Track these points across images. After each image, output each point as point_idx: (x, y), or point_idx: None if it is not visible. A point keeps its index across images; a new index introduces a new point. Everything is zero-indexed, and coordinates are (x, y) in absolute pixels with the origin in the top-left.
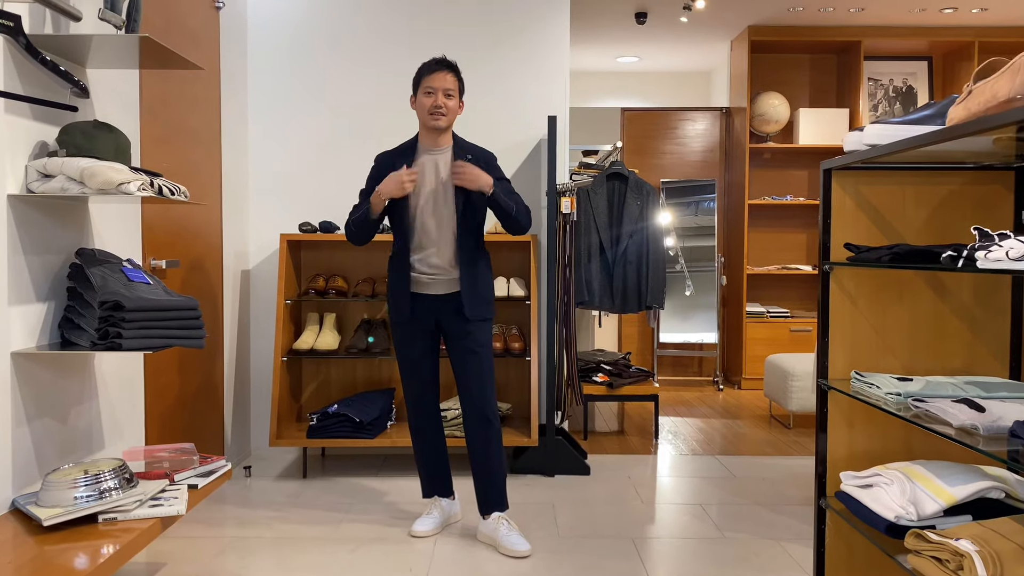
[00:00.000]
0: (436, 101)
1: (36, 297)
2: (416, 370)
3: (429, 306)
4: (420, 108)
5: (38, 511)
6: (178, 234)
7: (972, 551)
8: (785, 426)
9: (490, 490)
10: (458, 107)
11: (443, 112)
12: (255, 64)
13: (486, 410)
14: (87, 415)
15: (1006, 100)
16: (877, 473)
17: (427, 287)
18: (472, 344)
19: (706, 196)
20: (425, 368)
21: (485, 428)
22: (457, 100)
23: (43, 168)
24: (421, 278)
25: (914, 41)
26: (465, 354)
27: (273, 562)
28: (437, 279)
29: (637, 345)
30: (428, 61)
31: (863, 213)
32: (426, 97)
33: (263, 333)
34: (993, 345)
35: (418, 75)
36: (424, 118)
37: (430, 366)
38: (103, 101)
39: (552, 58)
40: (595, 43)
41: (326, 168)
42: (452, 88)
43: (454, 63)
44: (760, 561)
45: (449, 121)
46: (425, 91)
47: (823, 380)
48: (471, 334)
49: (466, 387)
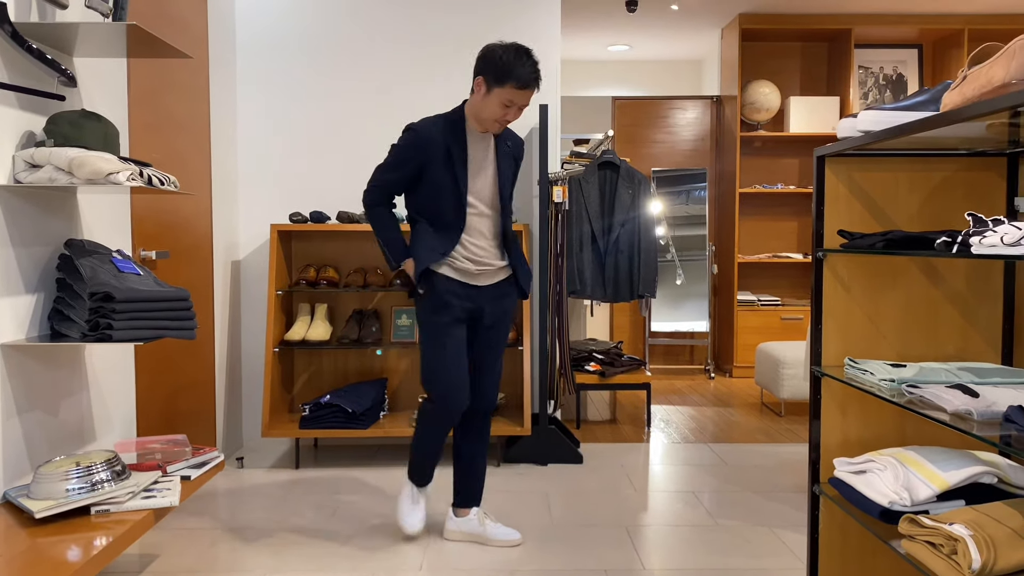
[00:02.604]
0: (510, 116)
1: (25, 289)
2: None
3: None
4: (487, 107)
5: (30, 503)
6: (168, 225)
7: (966, 536)
8: (776, 414)
9: (476, 484)
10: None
11: (507, 124)
12: (244, 52)
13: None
14: (78, 407)
15: (1001, 85)
16: (870, 459)
17: (475, 277)
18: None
19: (697, 185)
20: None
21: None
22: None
23: (30, 158)
24: (470, 267)
25: (904, 29)
26: (489, 345)
27: (266, 553)
28: (485, 270)
29: (629, 334)
30: (526, 67)
31: (856, 200)
32: (503, 108)
33: (254, 324)
34: (986, 331)
35: (504, 74)
36: (487, 122)
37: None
38: (91, 90)
39: (543, 47)
40: (586, 31)
41: (317, 158)
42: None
43: (541, 78)
44: (753, 548)
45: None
46: (506, 101)
47: (816, 367)
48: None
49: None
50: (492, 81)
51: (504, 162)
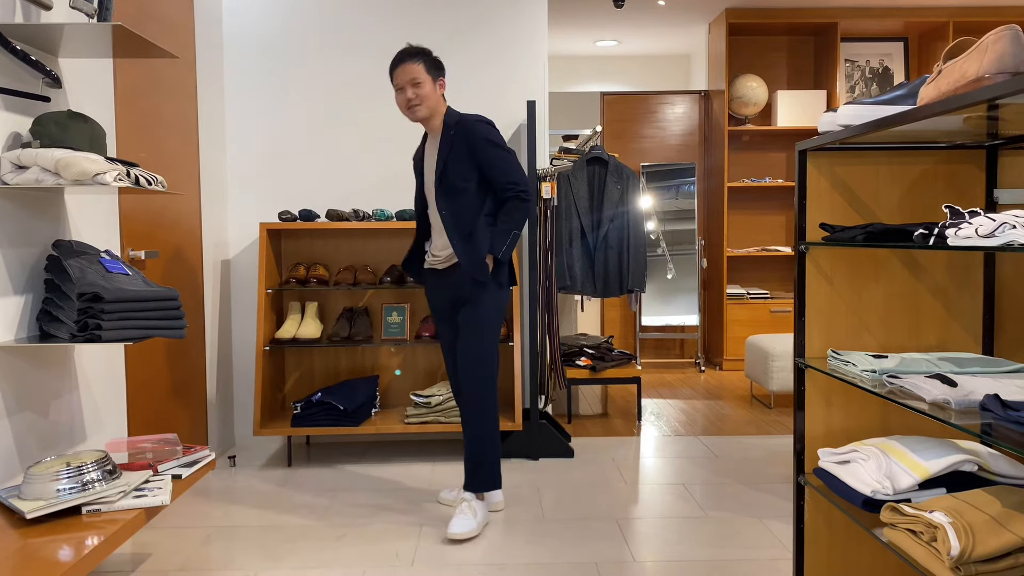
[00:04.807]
0: (406, 95)
1: (13, 290)
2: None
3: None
4: (399, 106)
5: (21, 504)
6: (157, 224)
7: (945, 523)
8: (766, 406)
9: (467, 464)
10: (434, 89)
11: (417, 103)
12: (231, 51)
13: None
14: (68, 407)
15: (974, 79)
16: (854, 449)
17: (438, 266)
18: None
19: (686, 179)
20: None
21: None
22: (430, 84)
23: (17, 159)
24: (433, 260)
25: (890, 22)
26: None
27: (259, 551)
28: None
29: (619, 328)
30: (394, 58)
31: (838, 194)
32: (398, 94)
33: (245, 323)
34: (966, 321)
35: (390, 73)
36: (405, 114)
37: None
38: (76, 91)
39: (530, 43)
40: (574, 27)
41: (305, 156)
42: (418, 76)
43: (415, 49)
44: (742, 539)
45: (428, 109)
46: (396, 88)
47: (800, 359)
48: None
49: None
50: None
51: (444, 150)
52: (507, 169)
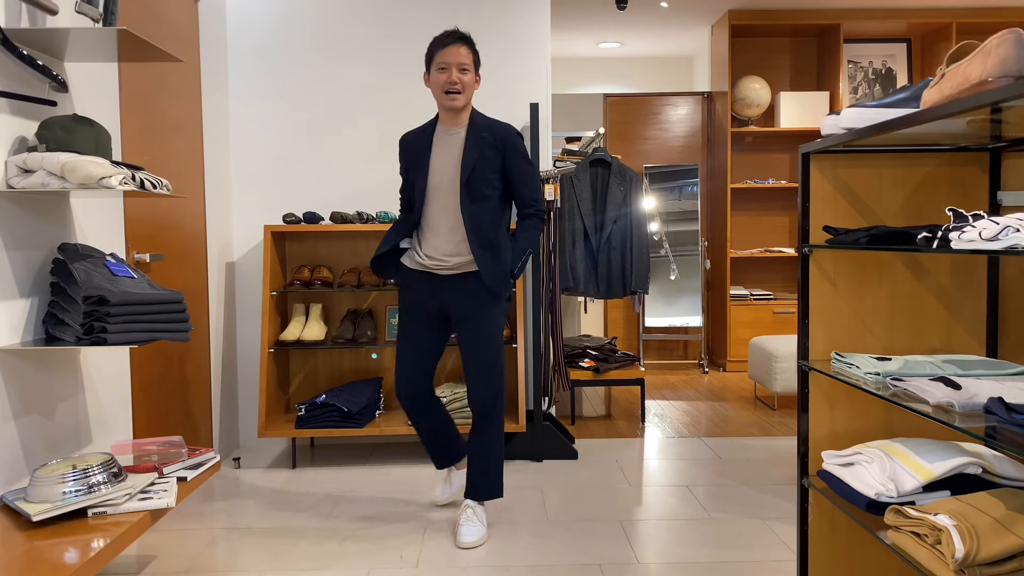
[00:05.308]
0: (451, 77)
1: (19, 293)
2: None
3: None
4: (435, 86)
5: (27, 506)
6: (162, 227)
7: (950, 525)
8: (770, 407)
9: (473, 478)
10: (475, 82)
11: (459, 89)
12: (235, 55)
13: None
14: (74, 410)
15: (978, 83)
16: (858, 451)
17: (433, 269)
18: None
19: (689, 181)
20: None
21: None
22: (473, 74)
23: (23, 163)
24: (426, 261)
25: (893, 23)
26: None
27: (264, 553)
28: (441, 263)
29: (623, 330)
30: (440, 35)
31: (841, 196)
32: (440, 73)
33: (249, 325)
34: (970, 324)
35: (430, 50)
36: (439, 97)
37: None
38: (82, 95)
39: (533, 45)
40: (576, 29)
41: (309, 158)
42: (467, 62)
43: (468, 35)
44: (746, 540)
45: (466, 98)
46: (439, 67)
47: (804, 361)
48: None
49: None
50: (427, 65)
51: (472, 152)
52: (535, 186)
